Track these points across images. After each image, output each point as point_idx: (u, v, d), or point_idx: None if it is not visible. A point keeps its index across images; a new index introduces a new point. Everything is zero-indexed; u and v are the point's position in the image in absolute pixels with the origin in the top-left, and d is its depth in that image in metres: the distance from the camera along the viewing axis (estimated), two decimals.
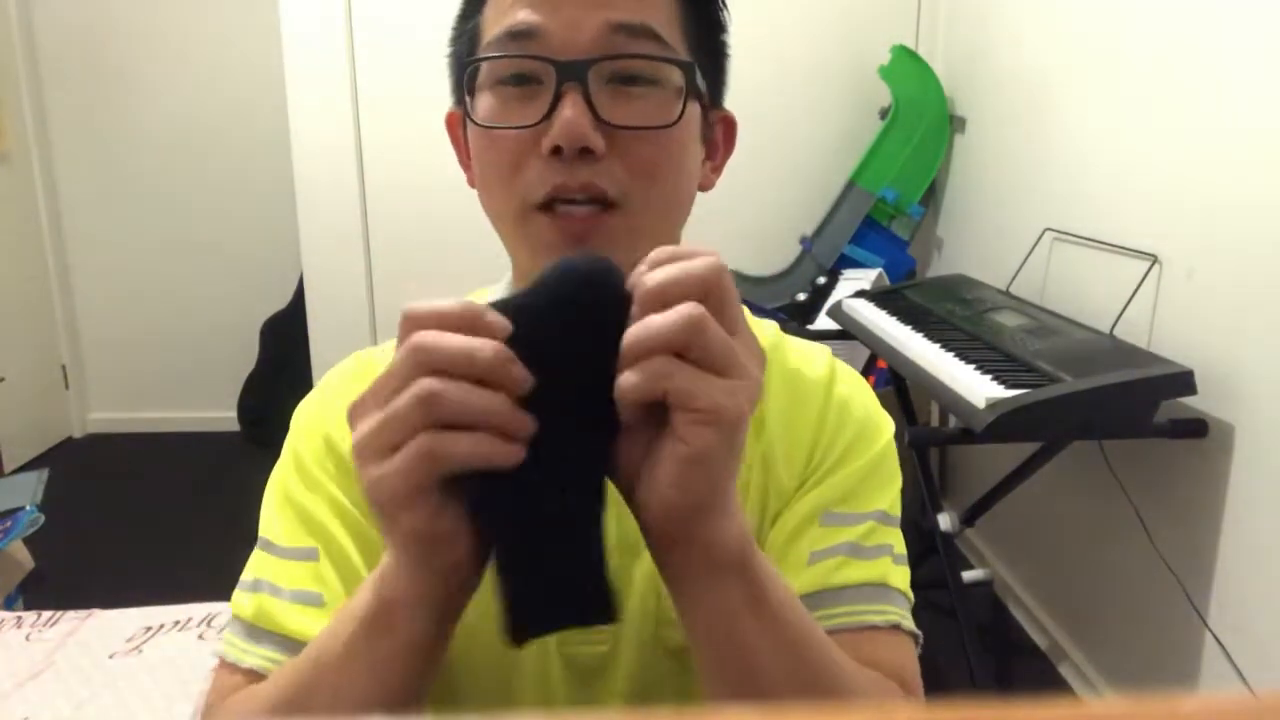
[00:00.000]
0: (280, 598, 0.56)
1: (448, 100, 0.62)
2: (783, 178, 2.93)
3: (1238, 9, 1.53)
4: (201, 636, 1.45)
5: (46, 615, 1.53)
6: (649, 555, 0.43)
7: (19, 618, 1.53)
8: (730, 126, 0.64)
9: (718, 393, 0.38)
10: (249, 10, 3.43)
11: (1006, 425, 1.49)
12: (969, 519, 2.10)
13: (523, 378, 0.38)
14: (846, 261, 2.86)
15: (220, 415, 3.67)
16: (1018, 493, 1.96)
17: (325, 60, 2.90)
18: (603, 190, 0.53)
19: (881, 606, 0.58)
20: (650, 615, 0.59)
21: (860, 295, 2.42)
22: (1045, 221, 2.15)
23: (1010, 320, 1.94)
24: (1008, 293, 2.19)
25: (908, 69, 2.78)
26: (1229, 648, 1.55)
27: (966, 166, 2.71)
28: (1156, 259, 1.73)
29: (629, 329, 0.38)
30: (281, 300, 3.55)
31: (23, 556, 2.24)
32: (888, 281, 2.71)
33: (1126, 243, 1.83)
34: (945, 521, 2.03)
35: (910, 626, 0.59)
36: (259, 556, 0.60)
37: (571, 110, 0.52)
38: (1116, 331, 1.78)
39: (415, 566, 0.41)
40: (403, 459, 0.38)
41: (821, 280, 2.79)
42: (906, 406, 2.48)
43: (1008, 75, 2.44)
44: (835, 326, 2.38)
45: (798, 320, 2.75)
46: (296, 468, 0.61)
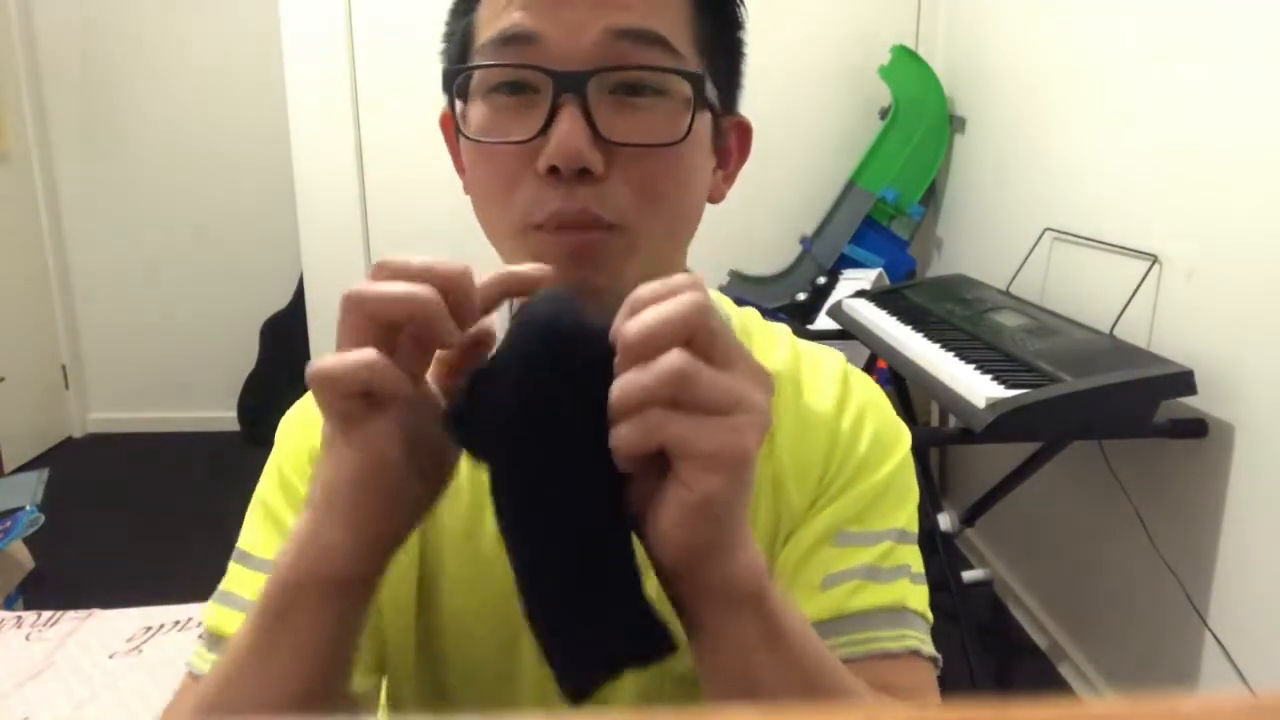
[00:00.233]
0: (246, 610, 0.56)
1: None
2: (783, 178, 2.93)
3: (1238, 8, 1.53)
4: (201, 637, 1.44)
5: (46, 615, 1.53)
6: (653, 576, 0.42)
7: (19, 618, 1.53)
8: (745, 132, 0.60)
9: (718, 434, 0.36)
10: (249, 10, 3.43)
11: (1006, 425, 1.49)
12: (969, 519, 2.10)
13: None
14: (846, 261, 2.86)
15: (220, 415, 3.67)
16: (1018, 493, 1.96)
17: (325, 60, 2.90)
18: (600, 215, 0.50)
19: (899, 632, 0.55)
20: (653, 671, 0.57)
21: (860, 295, 2.42)
22: (1045, 221, 2.15)
23: (1010, 320, 1.94)
24: (1008, 293, 2.19)
25: (908, 69, 2.78)
26: (1229, 648, 1.55)
27: (966, 166, 2.71)
28: (1156, 259, 1.73)
29: (614, 385, 0.36)
30: (281, 300, 3.55)
31: (23, 556, 2.24)
32: (888, 281, 2.71)
33: (1126, 243, 1.83)
34: (945, 521, 2.03)
35: (929, 651, 0.56)
36: (233, 569, 0.59)
37: (569, 127, 0.48)
38: (1116, 331, 1.78)
39: (339, 515, 0.40)
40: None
41: (821, 280, 2.79)
42: (906, 406, 2.48)
43: (1008, 75, 2.44)
44: (835, 326, 2.38)
45: (798, 320, 2.75)
46: (279, 482, 0.59)
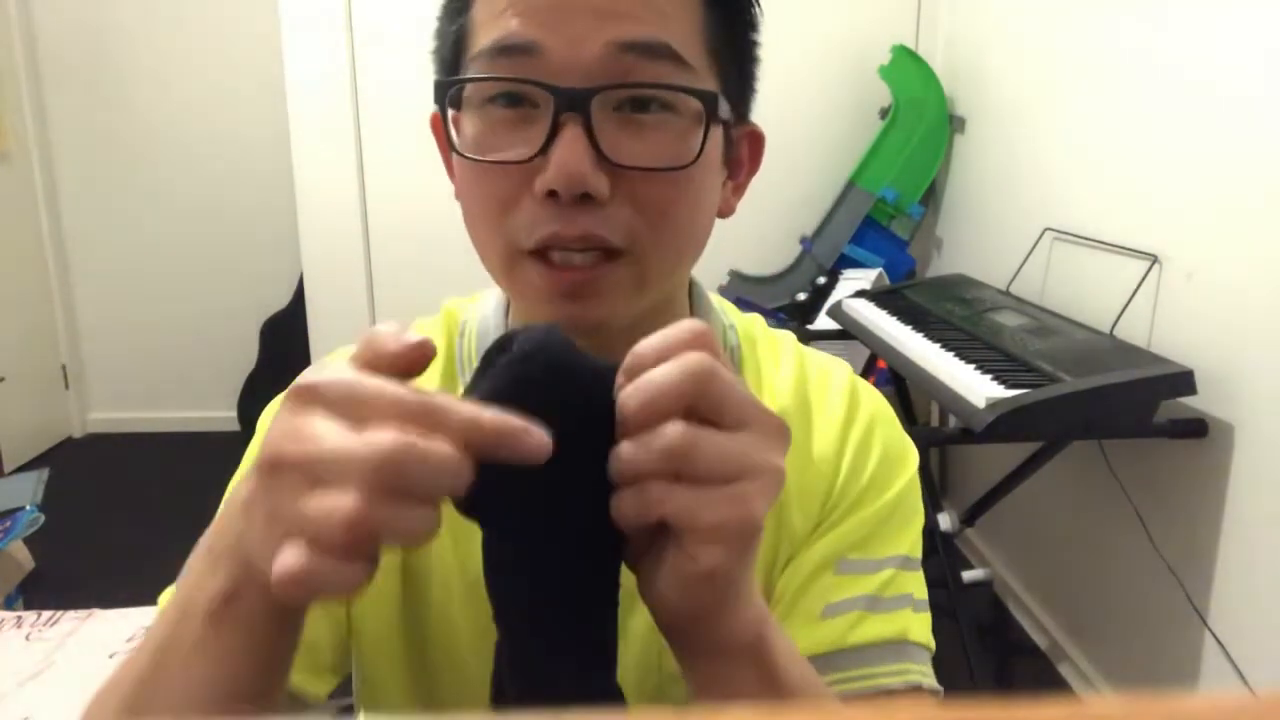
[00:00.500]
0: None
1: None
2: (783, 178, 2.93)
3: (1238, 9, 1.53)
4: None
5: (46, 615, 1.53)
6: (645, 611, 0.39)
7: (19, 618, 1.53)
8: (757, 141, 0.57)
9: (722, 506, 0.34)
10: (249, 11, 3.43)
11: (1006, 425, 1.49)
12: (969, 519, 2.10)
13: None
14: (846, 261, 2.86)
15: (220, 415, 3.67)
16: (1018, 493, 1.96)
17: (325, 61, 2.90)
18: (605, 239, 0.46)
19: (901, 666, 0.54)
20: (652, 669, 0.55)
21: (860, 295, 2.42)
22: (1045, 221, 2.15)
23: (1010, 320, 1.94)
24: (1008, 292, 2.19)
25: (908, 69, 2.78)
26: (1229, 648, 1.55)
27: (966, 166, 2.71)
28: (1156, 259, 1.73)
29: (612, 455, 0.34)
30: (281, 300, 3.55)
31: (23, 556, 2.24)
32: (888, 281, 2.71)
33: (1126, 243, 1.83)
34: (945, 521, 2.04)
35: (930, 684, 0.55)
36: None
37: (571, 148, 0.45)
38: (1116, 331, 1.78)
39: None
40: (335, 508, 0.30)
41: (821, 280, 2.79)
42: (906, 406, 2.48)
43: (1008, 75, 2.44)
44: (835, 326, 2.38)
45: (798, 320, 2.75)
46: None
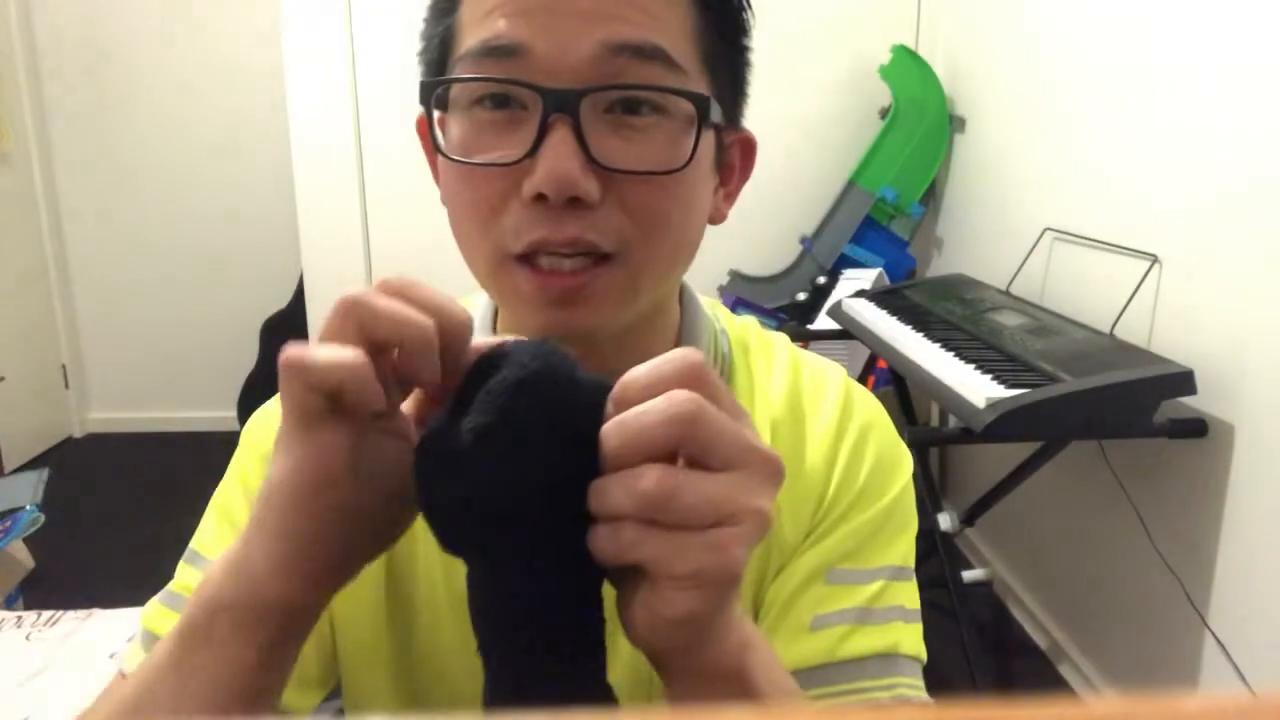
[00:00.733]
0: None
1: None
2: (783, 178, 2.93)
3: (1237, 9, 1.53)
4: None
5: (46, 615, 1.53)
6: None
7: (19, 618, 1.53)
8: (749, 148, 0.56)
9: (698, 554, 0.33)
10: (249, 10, 3.43)
11: (1006, 425, 1.49)
12: (969, 519, 2.10)
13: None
14: (846, 261, 2.86)
15: (220, 415, 3.67)
16: (1018, 493, 1.96)
17: (325, 60, 2.90)
18: (594, 243, 0.46)
19: (890, 680, 0.53)
20: (643, 682, 0.54)
21: (860, 295, 2.42)
22: (1045, 221, 2.15)
23: (1010, 320, 1.94)
24: (1008, 293, 2.19)
25: (908, 69, 2.78)
26: (1229, 648, 1.55)
27: (966, 166, 2.71)
28: (1156, 259, 1.73)
29: (591, 488, 0.34)
30: (281, 300, 3.55)
31: (23, 556, 2.24)
32: (888, 281, 2.71)
33: (1126, 243, 1.83)
34: (945, 521, 2.04)
35: (919, 696, 0.54)
36: (182, 569, 0.56)
37: (559, 150, 0.44)
38: (1116, 331, 1.78)
39: (271, 533, 0.37)
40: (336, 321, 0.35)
41: (821, 280, 2.79)
42: (906, 406, 2.48)
43: (1008, 75, 2.44)
44: (835, 326, 2.38)
45: (797, 320, 2.75)
46: (238, 479, 0.57)
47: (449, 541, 0.36)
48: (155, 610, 0.55)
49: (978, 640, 1.87)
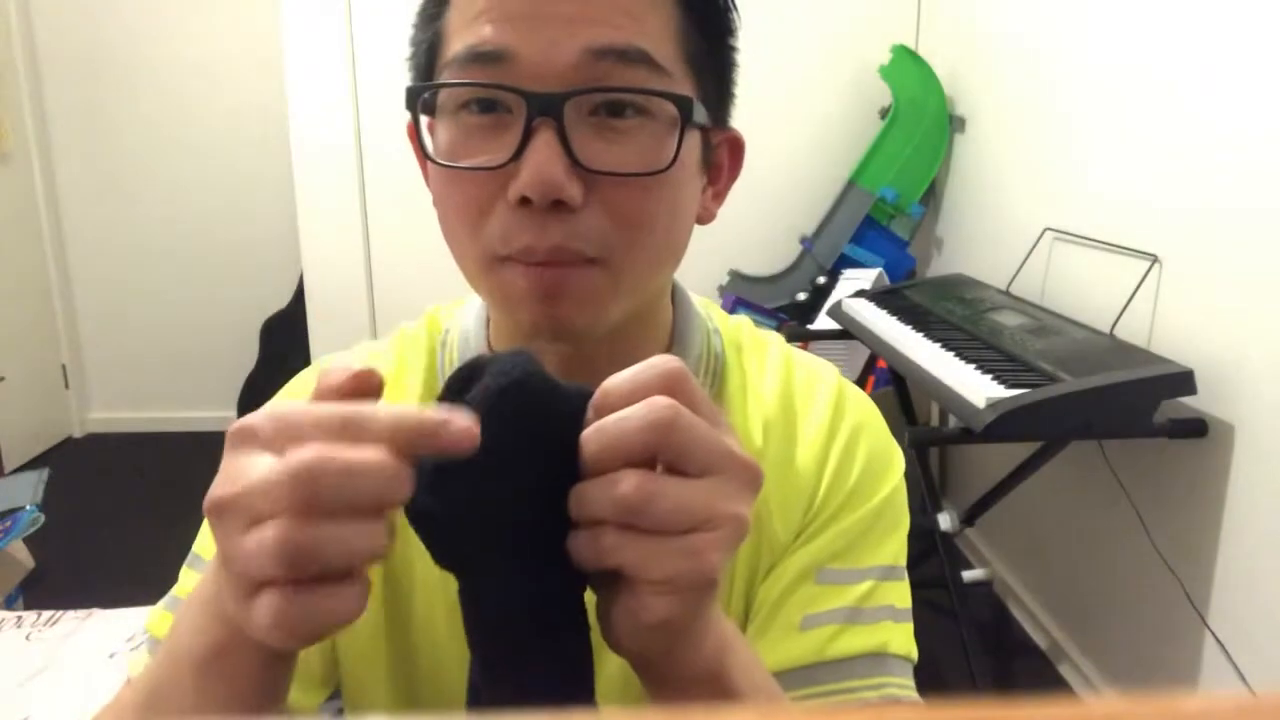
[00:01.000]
0: None
1: None
2: (783, 178, 2.94)
3: (1237, 9, 1.53)
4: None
5: (46, 615, 1.53)
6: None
7: (19, 617, 1.53)
8: (737, 147, 0.56)
9: (674, 559, 0.33)
10: (249, 10, 3.43)
11: (1006, 425, 1.49)
12: (969, 519, 2.10)
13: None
14: (846, 261, 2.86)
15: (220, 415, 3.66)
16: (1018, 493, 1.96)
17: (325, 60, 2.90)
18: (579, 251, 0.46)
19: (879, 680, 0.53)
20: (633, 682, 0.56)
21: (860, 295, 2.42)
22: (1045, 221, 2.15)
23: (1010, 320, 1.94)
24: (1008, 292, 2.19)
25: (908, 69, 2.78)
26: (1229, 648, 1.55)
27: (966, 166, 2.71)
28: (1156, 259, 1.73)
29: (571, 494, 0.34)
30: (281, 300, 3.55)
31: (23, 556, 2.24)
32: (888, 281, 2.71)
33: (1126, 243, 1.83)
34: (945, 521, 2.04)
35: (909, 696, 0.55)
36: (185, 574, 0.56)
37: (543, 153, 0.44)
38: (1116, 331, 1.78)
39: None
40: (264, 541, 0.31)
41: (821, 280, 2.79)
42: (906, 406, 2.48)
43: (1008, 75, 2.44)
44: (835, 326, 2.38)
45: (798, 320, 2.75)
46: None
47: (439, 554, 0.36)
48: (161, 617, 0.55)
49: (978, 640, 1.87)
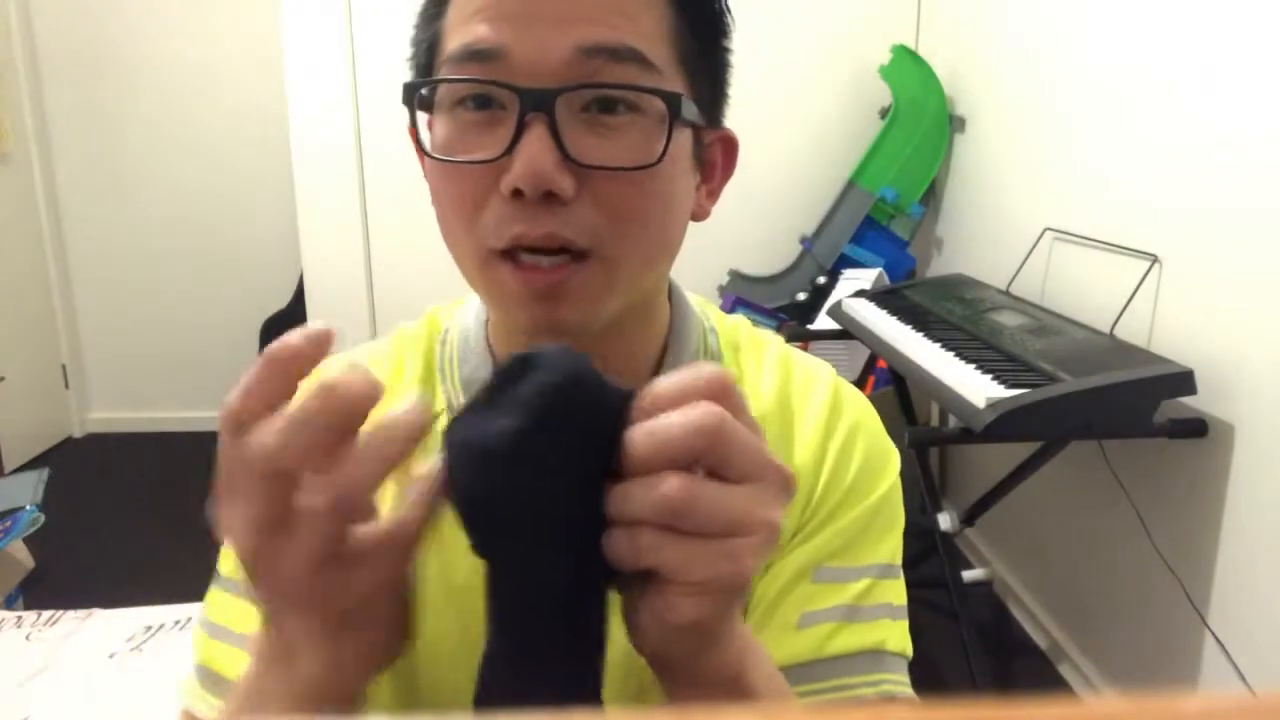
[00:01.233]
0: (244, 646, 0.53)
1: None
2: (782, 178, 2.93)
3: (1237, 9, 1.53)
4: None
5: (46, 615, 1.53)
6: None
7: (19, 617, 1.53)
8: (730, 146, 0.57)
9: (713, 561, 0.34)
10: (250, 10, 3.43)
11: (1006, 425, 1.49)
12: (969, 519, 2.10)
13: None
14: (846, 261, 2.86)
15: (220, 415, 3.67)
16: (1018, 493, 1.96)
17: (325, 60, 2.90)
18: (570, 240, 0.47)
19: (877, 676, 0.54)
20: (635, 669, 0.54)
21: (860, 295, 2.42)
22: (1045, 221, 2.15)
23: (1010, 320, 1.95)
24: (1008, 292, 2.19)
25: (908, 69, 2.78)
26: (1229, 648, 1.55)
27: (966, 166, 2.71)
28: (1156, 259, 1.73)
29: (611, 493, 0.35)
30: (281, 300, 3.55)
31: (23, 556, 2.24)
32: (888, 281, 2.71)
33: (1126, 243, 1.83)
34: (945, 521, 2.04)
35: (905, 693, 0.55)
36: (219, 597, 0.56)
37: (535, 147, 0.45)
38: (1116, 331, 1.78)
39: (316, 649, 0.37)
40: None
41: (821, 280, 2.79)
42: (906, 406, 2.48)
43: (1008, 75, 2.44)
44: (835, 326, 2.38)
45: (798, 320, 2.75)
46: None
47: (482, 542, 0.36)
48: (203, 642, 0.55)
49: (978, 640, 1.86)
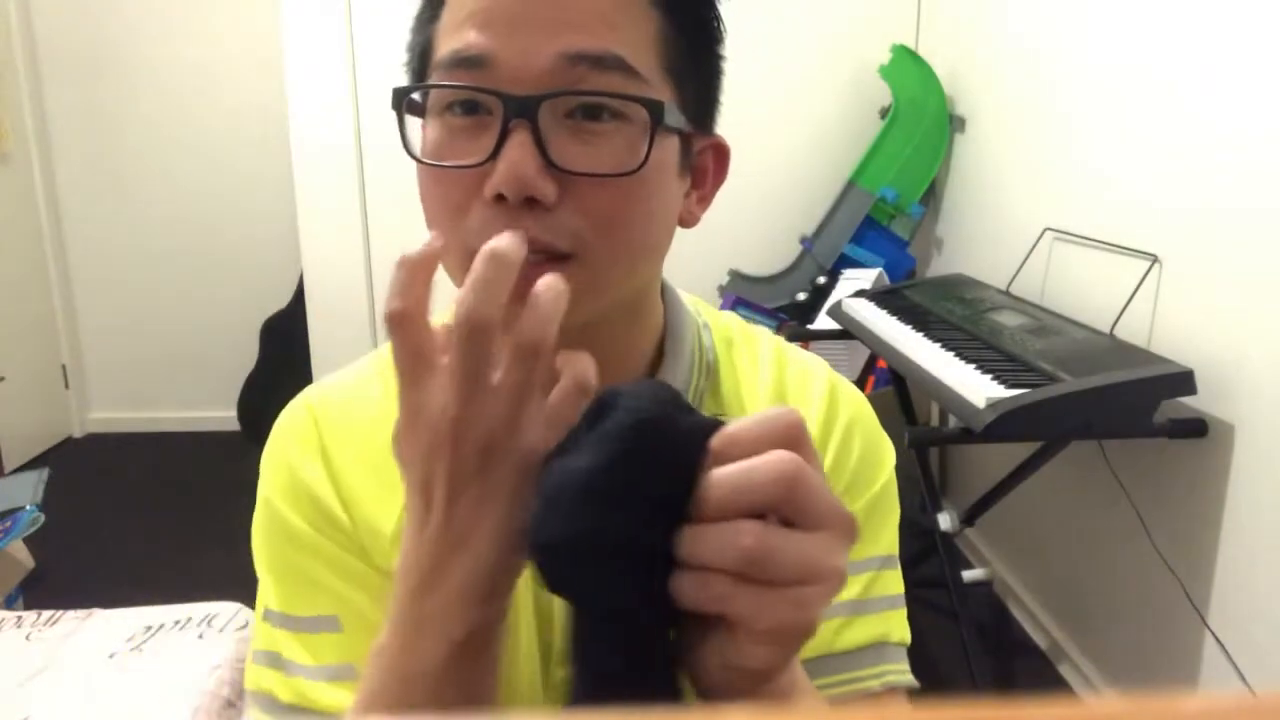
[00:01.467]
0: (311, 677, 0.53)
1: None
2: (783, 178, 2.93)
3: (1237, 10, 1.53)
4: (201, 636, 1.45)
5: (46, 615, 1.53)
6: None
7: (19, 617, 1.53)
8: (722, 153, 0.57)
9: (782, 609, 0.34)
10: (250, 10, 3.43)
11: (1006, 425, 1.49)
12: (969, 519, 2.10)
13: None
14: (846, 261, 2.86)
15: (220, 415, 3.67)
16: (1018, 493, 1.96)
17: (325, 60, 2.90)
18: (550, 244, 0.47)
19: (881, 669, 0.56)
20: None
21: (860, 295, 2.42)
22: (1045, 221, 2.15)
23: (1010, 320, 1.94)
24: (1008, 292, 2.19)
25: (908, 69, 2.78)
26: (1229, 648, 1.55)
27: (966, 166, 2.71)
28: (1156, 259, 1.73)
29: (685, 536, 0.35)
30: (281, 300, 3.55)
31: (23, 556, 2.24)
32: (888, 281, 2.71)
33: (1126, 243, 1.83)
34: (945, 521, 2.03)
35: (906, 681, 0.58)
36: (272, 632, 0.56)
37: (517, 153, 0.46)
38: (1116, 331, 1.78)
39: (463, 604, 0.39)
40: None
41: (821, 280, 2.79)
42: (906, 406, 2.48)
43: (1008, 75, 2.44)
44: (835, 326, 2.38)
45: (798, 320, 2.75)
46: (279, 527, 0.56)
47: (555, 580, 0.36)
48: (261, 673, 0.55)
49: (978, 640, 1.87)
